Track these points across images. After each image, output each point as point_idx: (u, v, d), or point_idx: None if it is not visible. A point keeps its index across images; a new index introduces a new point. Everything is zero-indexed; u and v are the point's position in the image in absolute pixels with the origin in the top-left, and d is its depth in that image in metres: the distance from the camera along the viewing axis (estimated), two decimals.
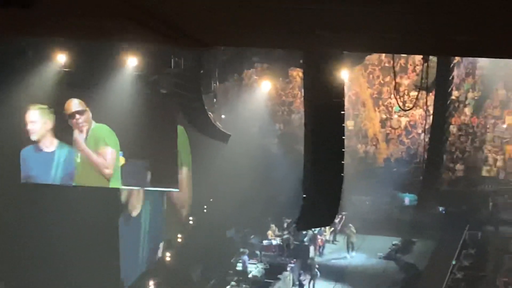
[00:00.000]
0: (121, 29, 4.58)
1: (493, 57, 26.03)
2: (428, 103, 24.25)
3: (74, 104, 26.82)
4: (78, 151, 26.96)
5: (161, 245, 31.36)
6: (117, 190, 28.17)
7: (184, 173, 30.34)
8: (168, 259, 30.85)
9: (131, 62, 24.49)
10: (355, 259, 31.54)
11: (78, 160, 27.02)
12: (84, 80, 25.16)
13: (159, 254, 31.08)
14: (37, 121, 26.76)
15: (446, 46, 5.54)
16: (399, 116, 37.86)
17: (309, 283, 29.61)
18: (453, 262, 29.34)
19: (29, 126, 26.74)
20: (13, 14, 3.88)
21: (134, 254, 29.65)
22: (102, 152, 27.02)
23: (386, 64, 38.33)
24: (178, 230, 32.26)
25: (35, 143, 27.01)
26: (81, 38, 12.64)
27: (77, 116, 26.87)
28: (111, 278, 27.96)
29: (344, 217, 33.09)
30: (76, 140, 26.87)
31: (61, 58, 24.51)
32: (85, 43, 23.28)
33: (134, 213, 29.70)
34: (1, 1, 3.52)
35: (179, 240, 32.17)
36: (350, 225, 31.90)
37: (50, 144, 26.98)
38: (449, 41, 5.08)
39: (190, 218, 32.85)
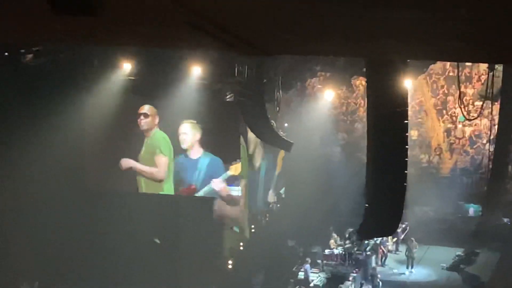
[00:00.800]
0: (184, 37, 4.62)
1: None
2: (493, 113, 23.96)
3: (144, 108, 27.54)
4: None
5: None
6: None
7: (242, 183, 30.45)
8: (230, 266, 30.91)
9: (195, 70, 24.65)
10: (417, 270, 31.19)
11: None
12: (149, 88, 25.45)
13: None
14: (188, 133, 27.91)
15: (510, 55, 5.47)
16: (464, 125, 37.47)
17: None
18: None
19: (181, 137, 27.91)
20: (79, 22, 3.95)
21: None
22: (156, 160, 27.74)
23: (451, 73, 38.00)
24: (240, 238, 32.34)
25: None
26: (145, 46, 12.80)
27: (142, 117, 27.53)
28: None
29: (408, 227, 32.77)
30: None
31: (126, 67, 24.81)
32: (150, 52, 23.53)
33: None
34: (68, 9, 3.60)
35: (241, 248, 32.23)
36: (412, 238, 31.52)
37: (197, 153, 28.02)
38: None
39: (252, 226, 32.88)
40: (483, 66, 34.56)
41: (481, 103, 24.03)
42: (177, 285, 28.22)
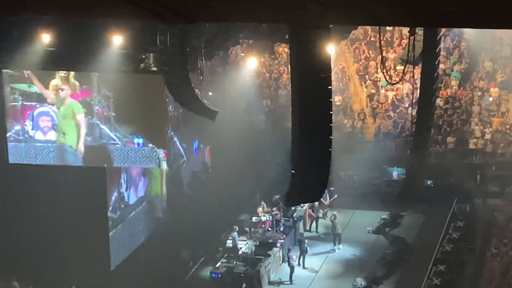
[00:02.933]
0: (106, 5, 4.53)
1: (479, 28, 26.00)
2: (415, 77, 24.23)
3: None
4: None
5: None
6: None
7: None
8: (157, 236, 30.87)
9: (117, 40, 24.31)
10: (345, 234, 31.57)
11: None
12: (70, 59, 24.99)
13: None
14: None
15: (433, 17, 5.51)
16: (386, 90, 37.90)
17: (299, 259, 29.70)
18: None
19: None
20: None
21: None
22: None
23: (372, 39, 38.36)
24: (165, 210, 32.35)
25: None
26: (66, 15, 12.54)
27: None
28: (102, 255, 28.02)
29: (334, 192, 33.08)
30: None
31: (46, 38, 24.31)
32: (70, 22, 23.10)
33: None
34: None
35: (168, 218, 32.22)
36: (335, 213, 31.77)
37: None
38: (436, 12, 5.06)
39: (179, 195, 32.86)
40: (404, 30, 34.96)
41: (402, 67, 24.23)
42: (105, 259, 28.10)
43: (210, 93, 30.76)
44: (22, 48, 24.56)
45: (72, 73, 24.37)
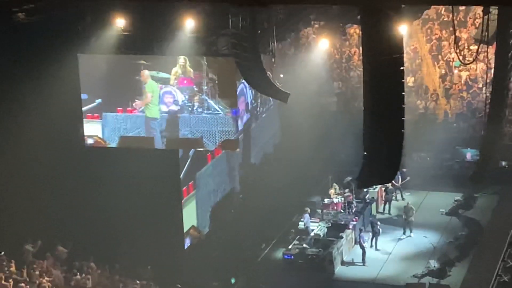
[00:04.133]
0: None
1: None
2: (489, 57, 23.89)
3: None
4: None
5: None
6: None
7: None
8: (229, 218, 31.12)
9: (189, 23, 24.52)
10: (417, 216, 31.38)
11: None
12: (144, 43, 25.33)
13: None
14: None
15: None
16: (459, 70, 37.43)
17: (371, 240, 29.67)
18: None
19: None
20: None
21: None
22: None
23: (445, 19, 37.87)
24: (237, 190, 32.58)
25: None
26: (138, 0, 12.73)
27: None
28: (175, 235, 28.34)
29: (407, 174, 32.85)
30: None
31: (120, 22, 24.65)
32: (143, 6, 23.39)
33: None
34: None
35: (241, 198, 32.44)
36: (408, 202, 31.54)
37: None
38: None
39: (252, 177, 33.07)
40: (478, 10, 34.42)
41: (476, 47, 23.96)
42: (177, 239, 28.44)
43: (281, 75, 30.78)
44: (97, 33, 24.98)
45: (187, 61, 25.85)
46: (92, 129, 26.79)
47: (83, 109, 26.54)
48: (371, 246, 29.60)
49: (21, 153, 24.88)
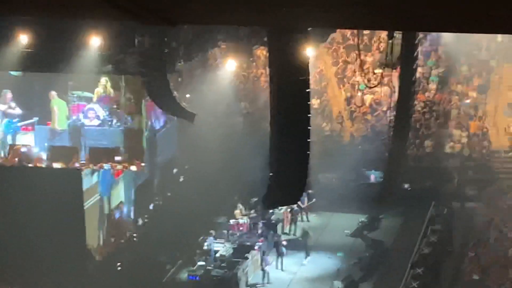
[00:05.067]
0: (86, 6, 4.51)
1: (457, 32, 26.16)
2: (393, 80, 24.32)
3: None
4: None
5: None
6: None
7: None
8: (135, 239, 30.74)
9: (95, 41, 24.21)
10: (322, 237, 31.61)
11: None
12: (48, 60, 24.87)
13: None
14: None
15: (412, 21, 5.53)
16: (364, 93, 37.97)
17: (277, 261, 29.73)
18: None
19: None
20: None
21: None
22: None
23: (351, 42, 38.44)
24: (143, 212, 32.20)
25: None
26: (45, 15, 12.47)
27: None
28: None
29: (314, 199, 33.09)
30: None
31: (23, 39, 24.15)
32: (47, 23, 22.97)
33: None
34: None
35: (146, 220, 32.08)
36: (305, 228, 31.71)
37: None
38: (414, 16, 5.07)
39: (156, 198, 32.76)
40: (382, 34, 35.05)
41: (381, 70, 24.34)
42: (83, 260, 27.97)
43: (188, 95, 30.70)
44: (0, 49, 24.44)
45: (108, 81, 28.46)
46: (26, 140, 29.01)
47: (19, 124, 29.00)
48: (277, 267, 29.65)
49: None
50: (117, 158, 27.93)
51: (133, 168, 28.21)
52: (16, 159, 27.81)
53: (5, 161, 27.99)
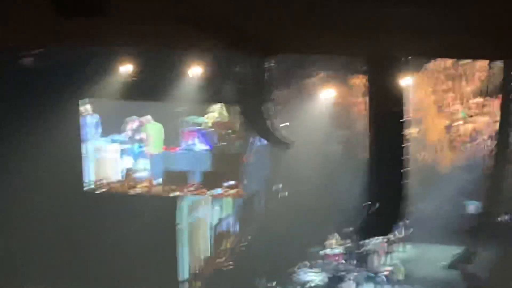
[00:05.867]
0: (187, 36, 4.61)
1: None
2: (494, 109, 23.94)
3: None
4: None
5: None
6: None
7: None
8: (231, 267, 30.88)
9: (195, 70, 24.62)
10: (418, 268, 31.17)
11: None
12: (149, 90, 25.46)
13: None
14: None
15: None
16: (464, 122, 37.41)
17: None
18: None
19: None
20: (81, 24, 3.93)
21: None
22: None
23: (451, 70, 37.96)
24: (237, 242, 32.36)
25: None
26: (146, 46, 12.79)
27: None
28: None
29: (412, 229, 32.69)
30: None
31: (126, 68, 24.76)
32: (150, 52, 23.52)
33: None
34: (70, 12, 3.58)
35: (242, 248, 32.20)
36: (396, 262, 31.27)
37: None
38: None
39: (249, 229, 32.89)
40: (483, 63, 34.54)
41: (481, 99, 24.00)
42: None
43: (287, 123, 30.79)
44: (103, 79, 25.14)
45: (223, 107, 28.46)
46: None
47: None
48: None
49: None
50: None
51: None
52: (130, 183, 28.32)
53: (121, 186, 28.45)
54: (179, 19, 3.99)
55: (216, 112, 28.28)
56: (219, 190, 28.09)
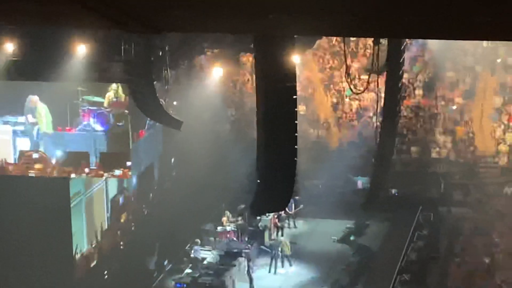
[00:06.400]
0: (70, 15, 4.50)
1: (443, 39, 26.27)
2: (379, 86, 24.36)
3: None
4: None
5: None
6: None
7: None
8: (121, 247, 30.70)
9: (81, 49, 24.22)
10: (310, 243, 31.64)
11: None
12: (34, 69, 24.88)
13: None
14: None
15: (397, 28, 5.54)
16: (350, 99, 38.04)
17: (270, 264, 29.69)
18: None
19: None
20: None
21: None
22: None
23: (337, 48, 38.49)
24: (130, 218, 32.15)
25: None
26: (30, 24, 12.46)
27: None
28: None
29: (302, 205, 33.06)
30: None
31: (9, 47, 24.14)
32: (33, 31, 22.98)
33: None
34: None
35: (132, 228, 32.03)
36: (282, 238, 31.47)
37: None
38: (400, 23, 5.08)
39: (143, 205, 32.71)
40: (368, 41, 35.13)
41: (367, 76, 24.36)
42: (69, 268, 27.89)
43: (175, 103, 30.69)
44: None
45: (120, 87, 27.55)
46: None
47: None
48: (269, 271, 29.67)
49: None
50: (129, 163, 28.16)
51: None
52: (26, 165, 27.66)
53: (15, 168, 27.78)
54: None
55: (112, 92, 27.80)
56: (116, 172, 27.91)
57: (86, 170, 27.64)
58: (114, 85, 27.63)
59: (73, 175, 27.94)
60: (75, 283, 28.02)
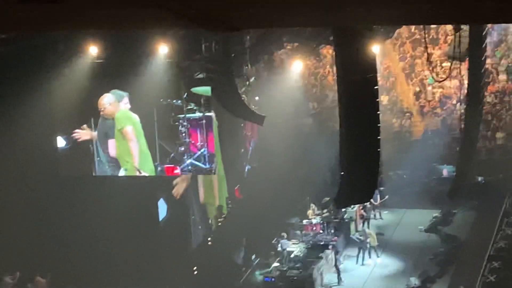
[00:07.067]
0: (150, 17, 4.60)
1: None
2: (462, 73, 24.03)
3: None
4: None
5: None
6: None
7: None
8: (209, 243, 30.97)
9: (162, 49, 24.53)
10: (396, 233, 31.45)
11: None
12: (118, 70, 25.30)
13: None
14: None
15: (478, 14, 5.49)
16: (433, 87, 37.63)
17: (357, 256, 29.61)
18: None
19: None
20: (43, 9, 3.91)
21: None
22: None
23: (417, 37, 38.10)
24: (217, 214, 32.39)
25: None
26: (111, 28, 12.69)
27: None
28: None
29: (387, 196, 32.87)
30: None
31: (92, 50, 24.61)
32: (115, 34, 23.35)
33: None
34: None
35: (219, 224, 32.26)
36: (367, 229, 31.26)
37: None
38: (480, 8, 5.04)
39: (229, 202, 32.92)
40: (449, 27, 34.68)
41: (449, 64, 24.06)
42: (159, 265, 28.22)
43: (256, 98, 30.82)
44: (70, 62, 24.93)
45: None
46: None
47: None
48: (357, 262, 29.61)
49: None
50: None
51: None
52: None
53: None
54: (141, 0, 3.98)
55: None
56: None
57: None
58: None
59: None
60: (165, 276, 28.34)
